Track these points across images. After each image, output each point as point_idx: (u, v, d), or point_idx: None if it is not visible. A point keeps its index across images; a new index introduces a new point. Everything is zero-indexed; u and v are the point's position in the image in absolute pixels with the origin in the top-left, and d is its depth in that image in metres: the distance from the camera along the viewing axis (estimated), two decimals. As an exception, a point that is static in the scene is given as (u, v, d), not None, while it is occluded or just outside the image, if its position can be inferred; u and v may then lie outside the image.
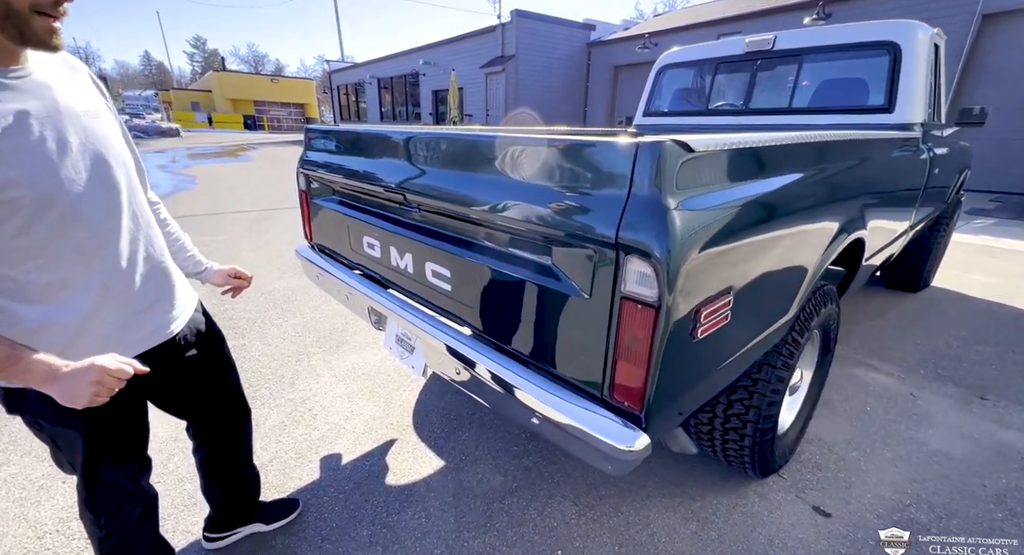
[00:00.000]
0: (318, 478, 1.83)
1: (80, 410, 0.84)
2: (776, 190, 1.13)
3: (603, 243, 0.88)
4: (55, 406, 0.83)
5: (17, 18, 0.71)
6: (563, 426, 1.00)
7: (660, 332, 0.85)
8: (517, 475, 1.85)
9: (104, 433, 0.98)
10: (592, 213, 0.90)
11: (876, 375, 2.59)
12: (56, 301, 0.84)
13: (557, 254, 1.00)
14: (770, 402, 1.50)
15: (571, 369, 1.05)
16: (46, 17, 0.73)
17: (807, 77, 2.83)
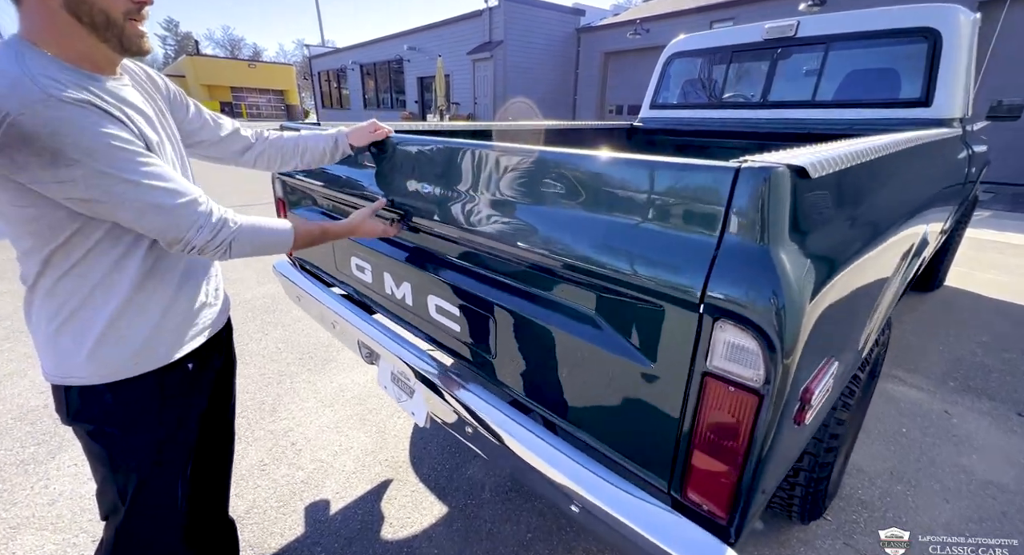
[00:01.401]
0: (303, 533, 1.59)
1: (155, 411, 0.90)
2: (878, 209, 0.90)
3: (678, 299, 0.65)
4: (128, 411, 0.87)
5: (116, 27, 0.74)
6: (616, 524, 0.77)
7: (763, 423, 0.62)
8: (530, 523, 1.63)
9: (176, 436, 0.95)
10: (663, 256, 0.66)
11: (905, 389, 2.43)
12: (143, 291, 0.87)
13: (604, 303, 0.76)
14: (828, 448, 1.30)
15: (624, 449, 0.82)
16: (133, 22, 0.76)
17: (834, 66, 2.60)
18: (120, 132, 0.72)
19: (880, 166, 0.95)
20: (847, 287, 0.75)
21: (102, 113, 0.71)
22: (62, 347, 0.82)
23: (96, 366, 0.83)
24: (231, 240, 0.83)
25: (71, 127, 0.66)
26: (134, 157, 0.72)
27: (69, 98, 0.67)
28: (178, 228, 0.77)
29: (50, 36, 0.72)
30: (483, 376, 1.09)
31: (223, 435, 1.21)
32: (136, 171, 0.72)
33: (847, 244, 0.77)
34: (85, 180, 0.68)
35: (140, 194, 0.72)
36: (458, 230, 0.99)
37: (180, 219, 0.77)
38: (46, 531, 1.53)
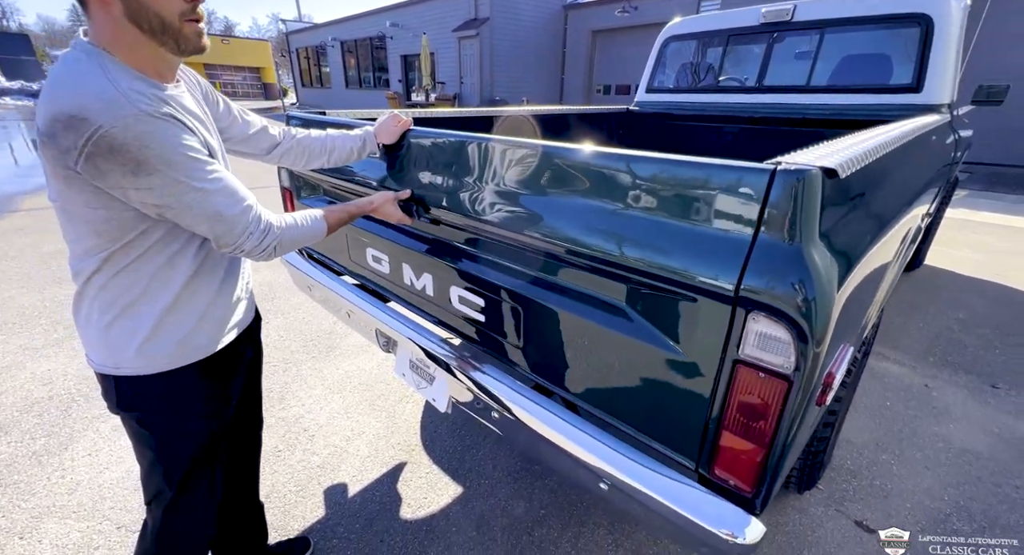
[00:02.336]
0: (324, 515, 1.64)
1: (199, 400, 0.96)
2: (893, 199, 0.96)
3: (713, 293, 0.69)
4: (174, 400, 0.93)
5: (172, 29, 0.76)
6: (646, 500, 0.83)
7: (791, 406, 0.68)
8: (543, 500, 1.71)
9: (215, 423, 1.00)
10: (699, 252, 0.70)
11: (888, 365, 2.56)
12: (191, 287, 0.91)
13: (637, 296, 0.80)
14: (826, 424, 1.39)
15: (652, 431, 0.87)
16: (192, 22, 0.78)
17: (828, 52, 2.63)
18: (193, 142, 0.77)
19: (888, 159, 1.00)
20: (861, 276, 0.81)
21: (180, 125, 0.76)
22: (113, 340, 0.86)
23: (146, 358, 0.88)
24: (276, 244, 0.88)
25: (156, 140, 0.71)
26: (203, 166, 0.78)
27: (157, 113, 0.72)
28: (232, 234, 0.82)
29: (120, 45, 0.75)
30: (510, 364, 1.13)
31: (253, 422, 1.26)
32: (204, 180, 0.77)
33: (862, 236, 0.82)
34: (162, 188, 0.73)
35: (206, 202, 0.78)
36: (484, 224, 1.01)
37: (236, 226, 0.82)
38: (69, 519, 1.55)
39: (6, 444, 1.88)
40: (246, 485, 1.30)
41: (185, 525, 1.03)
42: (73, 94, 0.70)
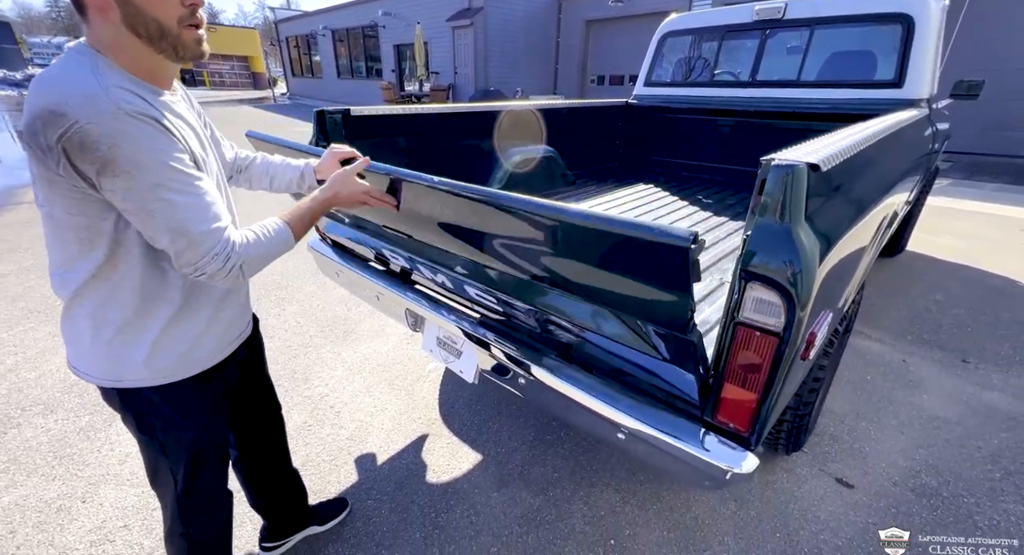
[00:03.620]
0: (357, 481, 1.80)
1: (193, 409, 0.99)
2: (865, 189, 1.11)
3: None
4: (173, 406, 0.95)
5: (171, 35, 0.77)
6: (659, 444, 0.99)
7: (782, 360, 0.84)
8: (556, 464, 1.88)
9: (209, 434, 1.04)
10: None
11: (870, 343, 2.76)
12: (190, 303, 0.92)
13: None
14: (811, 389, 1.56)
15: (664, 388, 1.03)
16: (191, 28, 0.79)
17: (817, 49, 2.78)
18: (172, 149, 0.74)
19: (866, 154, 1.15)
20: (840, 255, 0.96)
21: (162, 130, 0.74)
22: (114, 355, 0.87)
23: (148, 372, 0.89)
24: (241, 263, 0.81)
25: (129, 140, 0.69)
26: (178, 175, 0.74)
27: (135, 112, 0.70)
28: (195, 253, 0.77)
29: (117, 50, 0.75)
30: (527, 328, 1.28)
31: (268, 404, 1.35)
32: (175, 189, 0.74)
33: (842, 220, 0.98)
34: (126, 191, 0.71)
35: (171, 213, 0.74)
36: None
37: (199, 245, 0.76)
38: (124, 486, 1.69)
39: (54, 421, 2.00)
40: (277, 457, 1.41)
41: (196, 515, 1.09)
42: (58, 91, 0.69)
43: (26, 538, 1.52)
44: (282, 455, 1.44)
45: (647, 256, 0.73)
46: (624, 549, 1.54)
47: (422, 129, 2.25)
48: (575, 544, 1.56)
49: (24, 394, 2.17)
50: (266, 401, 1.34)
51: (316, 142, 1.85)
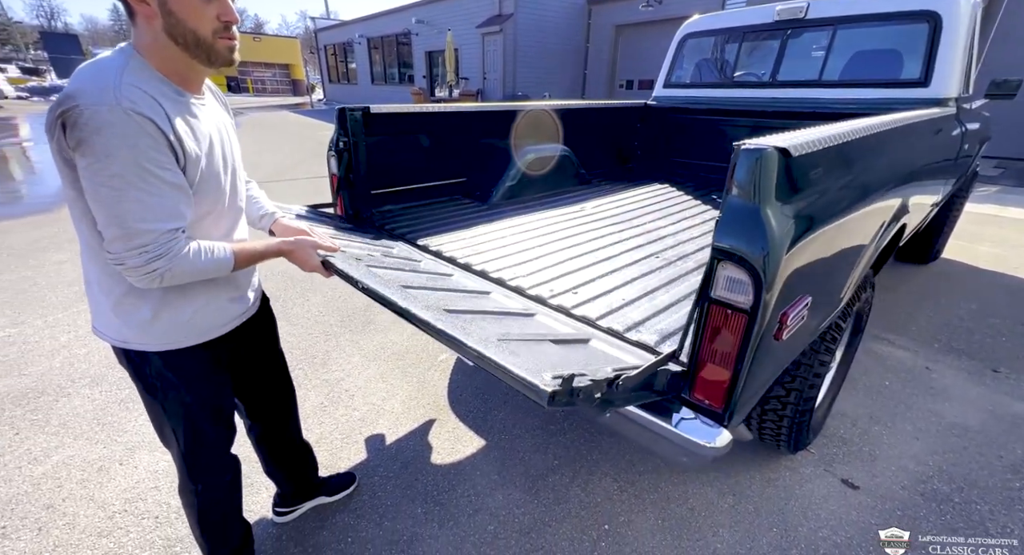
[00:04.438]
0: (366, 458, 1.89)
1: (190, 375, 1.06)
2: (851, 182, 1.13)
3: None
4: (174, 371, 1.03)
5: (205, 45, 0.86)
6: (640, 421, 1.03)
7: (751, 337, 0.87)
8: (557, 453, 1.92)
9: (209, 399, 1.11)
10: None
11: (892, 349, 2.67)
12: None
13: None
14: (811, 385, 1.55)
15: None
16: (224, 38, 0.88)
17: (840, 48, 2.74)
18: (152, 151, 0.80)
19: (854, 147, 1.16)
20: (824, 243, 0.98)
21: (153, 130, 0.80)
22: (120, 317, 0.95)
23: (149, 337, 0.98)
24: (164, 271, 0.86)
25: (112, 131, 0.76)
26: (143, 174, 0.80)
27: (133, 110, 0.77)
28: (123, 244, 0.82)
29: (154, 52, 0.86)
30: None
31: (278, 378, 1.42)
32: (133, 185, 0.79)
33: (826, 209, 1.00)
34: (87, 170, 0.78)
35: (116, 202, 0.79)
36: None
37: (131, 239, 0.82)
38: (156, 452, 1.85)
39: (99, 393, 2.20)
40: (288, 428, 1.50)
41: (202, 473, 1.18)
42: (81, 79, 0.79)
43: (71, 492, 1.68)
44: (293, 427, 1.53)
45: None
46: (617, 534, 1.57)
47: (439, 127, 2.35)
48: (570, 526, 1.60)
49: (74, 368, 2.38)
50: (277, 375, 1.42)
51: (338, 139, 1.98)
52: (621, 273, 1.64)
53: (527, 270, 1.66)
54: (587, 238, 2.04)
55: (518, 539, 1.56)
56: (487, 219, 2.26)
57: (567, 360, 0.94)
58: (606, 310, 1.33)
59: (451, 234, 2.02)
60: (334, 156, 2.00)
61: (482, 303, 1.25)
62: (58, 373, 2.34)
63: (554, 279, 1.58)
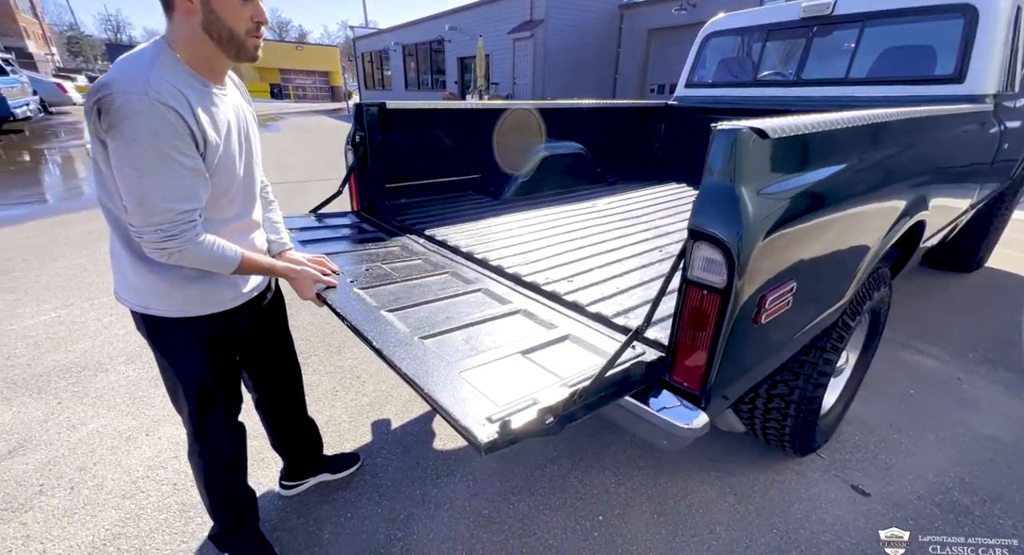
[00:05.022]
0: (371, 441, 1.96)
1: (207, 343, 1.13)
2: (844, 173, 1.10)
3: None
4: (186, 336, 1.10)
5: (237, 41, 0.95)
6: (624, 404, 1.04)
7: (726, 318, 0.87)
8: (557, 445, 1.93)
9: (220, 366, 1.19)
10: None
11: (921, 358, 2.54)
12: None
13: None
14: (816, 384, 1.51)
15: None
16: (254, 37, 0.98)
17: (868, 44, 2.65)
18: (175, 139, 0.88)
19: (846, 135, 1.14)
20: (812, 230, 0.97)
21: (177, 120, 0.87)
22: (141, 285, 1.04)
23: (166, 303, 1.05)
24: (177, 251, 0.94)
25: (141, 119, 0.84)
26: (164, 159, 0.87)
27: (160, 101, 0.85)
28: (144, 220, 0.90)
29: (187, 45, 0.94)
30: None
31: (285, 356, 1.49)
32: (155, 166, 0.87)
33: (811, 195, 0.98)
34: (115, 152, 0.86)
35: (137, 182, 0.88)
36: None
37: (151, 216, 0.90)
38: (178, 426, 1.97)
39: (133, 370, 2.36)
40: (293, 405, 1.57)
41: (208, 437, 1.26)
42: (118, 70, 0.87)
43: (101, 457, 1.82)
44: (298, 404, 1.60)
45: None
46: (611, 525, 1.57)
47: (453, 124, 2.42)
48: (564, 515, 1.61)
49: (113, 346, 2.57)
50: (284, 354, 1.49)
51: (354, 133, 2.07)
52: (621, 264, 1.65)
53: (527, 259, 1.69)
54: (593, 232, 2.05)
55: (511, 524, 1.58)
56: (496, 212, 2.31)
57: (530, 375, 0.96)
58: (598, 296, 1.35)
59: (459, 225, 2.08)
60: (350, 150, 2.09)
61: (464, 309, 1.28)
62: (99, 351, 2.52)
63: (552, 268, 1.61)
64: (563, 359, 1.04)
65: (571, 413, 0.90)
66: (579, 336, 1.12)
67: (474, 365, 0.99)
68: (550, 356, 1.05)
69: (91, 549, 1.46)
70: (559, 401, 0.84)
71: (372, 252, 1.73)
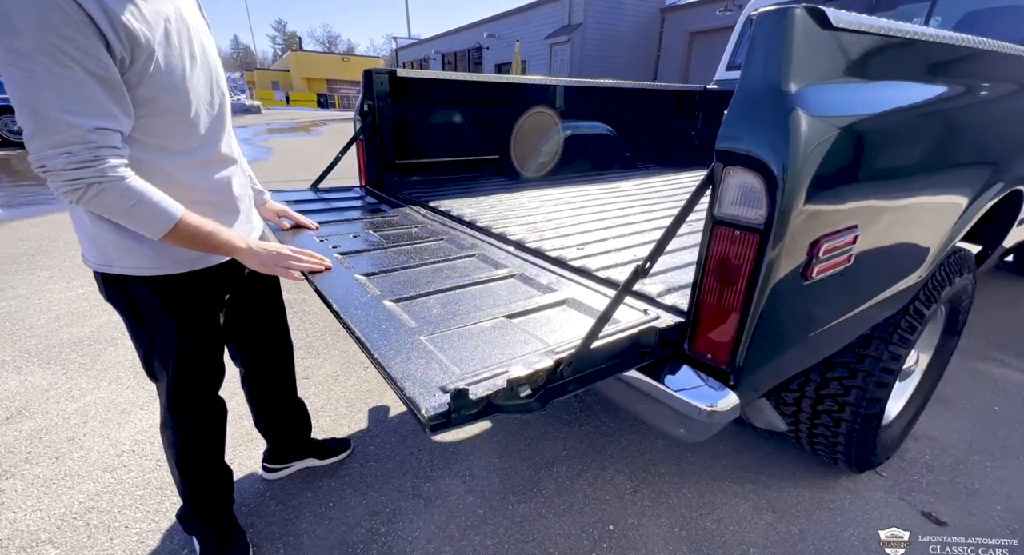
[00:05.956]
0: (365, 427, 1.82)
1: (180, 311, 0.99)
2: (937, 103, 0.87)
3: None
4: (160, 298, 0.96)
5: None
6: (632, 381, 0.84)
7: (765, 264, 0.66)
8: (567, 443, 1.73)
9: (198, 330, 1.05)
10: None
11: (1007, 372, 2.17)
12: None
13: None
14: (879, 383, 1.24)
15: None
16: None
17: (945, 12, 2.33)
18: (68, 29, 0.68)
19: (941, 53, 0.90)
20: (869, 154, 0.74)
21: (69, 5, 0.68)
22: (100, 240, 0.89)
23: (133, 258, 0.91)
24: (99, 188, 0.74)
25: (30, 8, 0.66)
26: (53, 51, 0.68)
27: None
28: (43, 140, 0.71)
29: None
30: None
31: (276, 330, 1.36)
32: (40, 67, 0.68)
33: (876, 108, 0.75)
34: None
35: (27, 86, 0.69)
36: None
37: (51, 134, 0.70)
38: (172, 401, 1.90)
39: (139, 343, 2.34)
40: (281, 383, 1.44)
41: (186, 410, 1.12)
42: None
43: (92, 429, 1.76)
44: (287, 383, 1.48)
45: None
46: (624, 537, 1.35)
47: (472, 98, 2.28)
48: (568, 521, 1.40)
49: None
50: (275, 327, 1.36)
51: (362, 102, 1.97)
52: (640, 236, 1.44)
53: (535, 229, 1.51)
54: (612, 208, 1.84)
55: (508, 527, 1.38)
56: (510, 190, 2.14)
57: (511, 342, 0.78)
58: (610, 263, 1.15)
59: (467, 198, 1.93)
60: (359, 120, 1.99)
61: (450, 274, 1.11)
62: (112, 327, 2.52)
63: (561, 237, 1.42)
64: (556, 325, 0.85)
65: (558, 386, 0.71)
66: (580, 301, 0.93)
67: (442, 329, 0.81)
68: (541, 322, 0.86)
69: (60, 522, 1.37)
70: (538, 369, 0.66)
71: (366, 220, 1.60)
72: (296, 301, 2.87)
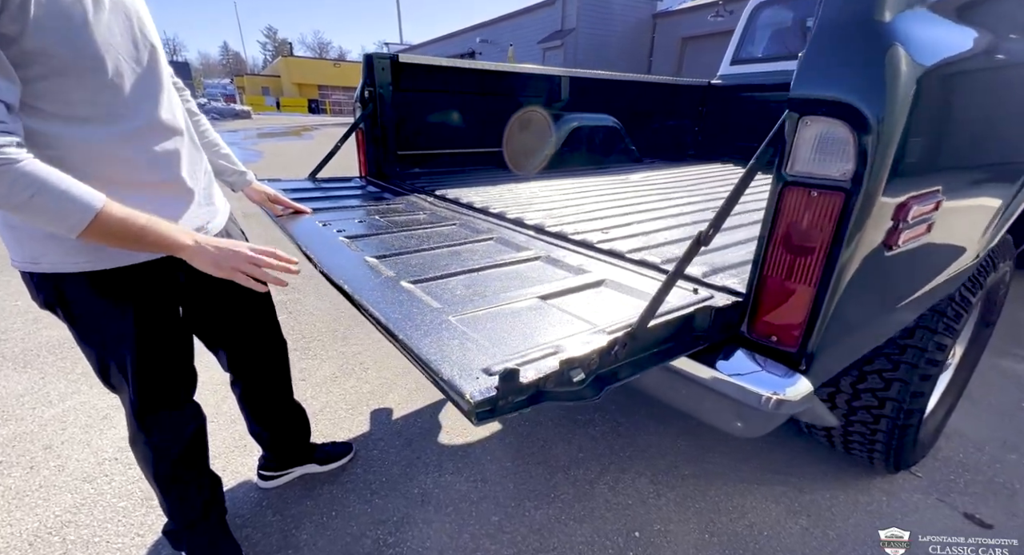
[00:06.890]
0: (368, 431, 1.70)
1: (131, 306, 0.86)
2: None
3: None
4: (103, 296, 0.83)
5: None
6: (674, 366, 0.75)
7: (850, 228, 0.58)
8: (583, 444, 1.63)
9: (154, 324, 0.91)
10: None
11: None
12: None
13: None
14: (923, 376, 1.17)
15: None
16: None
17: None
18: None
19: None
20: (968, 107, 0.66)
21: None
22: (23, 236, 0.78)
23: (67, 255, 0.78)
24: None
25: None
26: None
27: None
28: None
29: None
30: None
31: (266, 330, 1.23)
32: None
33: (980, 54, 0.66)
34: None
35: None
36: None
37: None
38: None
39: (123, 344, 2.20)
40: (276, 386, 1.32)
41: (156, 419, 0.98)
42: None
43: (71, 436, 1.63)
44: (282, 385, 1.35)
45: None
46: (651, 544, 1.25)
47: (477, 87, 2.20)
48: (590, 528, 1.30)
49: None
50: (261, 325, 1.22)
51: (363, 89, 1.88)
52: (667, 219, 1.36)
53: (552, 215, 1.42)
54: (629, 197, 1.76)
55: (526, 535, 1.28)
56: (518, 180, 2.06)
57: (552, 322, 0.68)
58: (642, 245, 1.06)
59: (475, 188, 1.84)
60: (359, 107, 1.90)
61: (470, 257, 1.01)
62: (96, 327, 2.39)
63: (583, 222, 1.33)
64: (599, 305, 0.76)
65: (612, 372, 0.61)
66: (619, 281, 0.84)
67: (471, 310, 0.72)
68: (580, 302, 0.77)
69: (33, 538, 1.25)
70: (594, 350, 0.57)
71: (370, 207, 1.50)
72: (290, 301, 2.75)
